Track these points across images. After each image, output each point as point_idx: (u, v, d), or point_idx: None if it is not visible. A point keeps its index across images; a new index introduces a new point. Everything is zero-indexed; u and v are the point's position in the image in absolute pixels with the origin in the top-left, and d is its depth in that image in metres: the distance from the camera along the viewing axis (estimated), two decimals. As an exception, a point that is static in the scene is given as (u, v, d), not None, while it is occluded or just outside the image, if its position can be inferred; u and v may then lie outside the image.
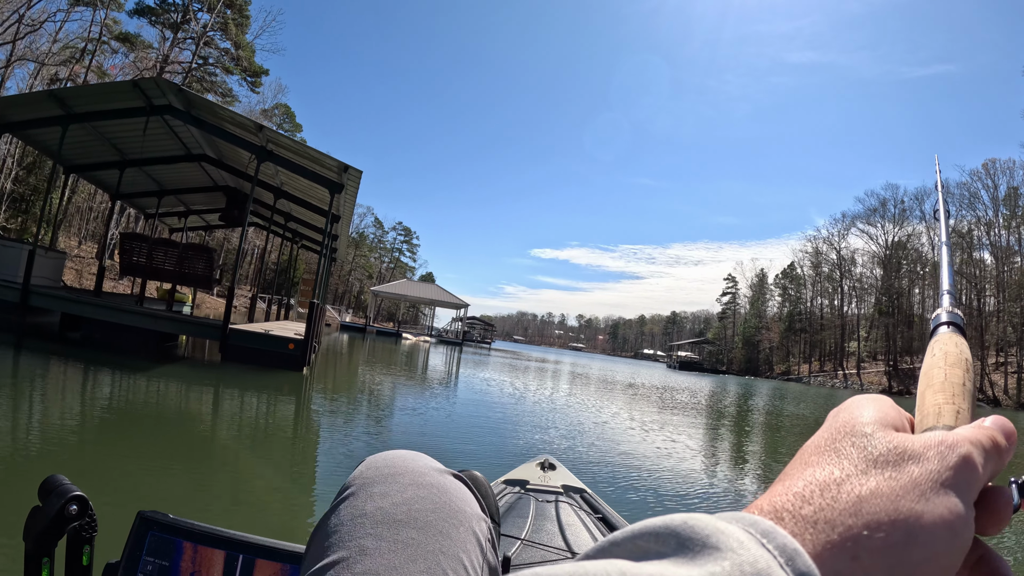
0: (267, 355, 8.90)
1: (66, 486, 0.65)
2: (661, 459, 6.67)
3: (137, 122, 10.84)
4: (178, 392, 6.81)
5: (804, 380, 64.29)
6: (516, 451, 5.99)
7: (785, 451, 8.92)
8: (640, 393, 18.84)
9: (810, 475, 0.25)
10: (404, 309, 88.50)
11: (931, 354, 0.36)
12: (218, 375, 8.46)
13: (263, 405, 6.94)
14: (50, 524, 0.63)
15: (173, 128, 12.03)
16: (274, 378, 8.48)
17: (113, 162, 13.60)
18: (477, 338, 68.04)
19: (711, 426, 11.96)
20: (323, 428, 6.29)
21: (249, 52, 45.83)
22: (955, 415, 0.30)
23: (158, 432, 4.86)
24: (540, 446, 6.38)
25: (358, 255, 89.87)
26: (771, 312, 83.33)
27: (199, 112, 10.16)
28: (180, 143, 12.86)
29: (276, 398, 7.46)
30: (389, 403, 8.89)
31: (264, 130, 9.15)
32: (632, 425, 9.73)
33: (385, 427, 6.71)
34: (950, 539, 0.23)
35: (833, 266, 72.25)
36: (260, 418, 6.24)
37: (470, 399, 11.02)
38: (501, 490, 2.08)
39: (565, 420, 9.13)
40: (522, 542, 1.52)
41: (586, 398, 14.40)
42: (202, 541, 0.69)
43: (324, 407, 7.64)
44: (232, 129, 9.91)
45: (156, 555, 0.68)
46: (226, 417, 6.04)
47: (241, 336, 9.00)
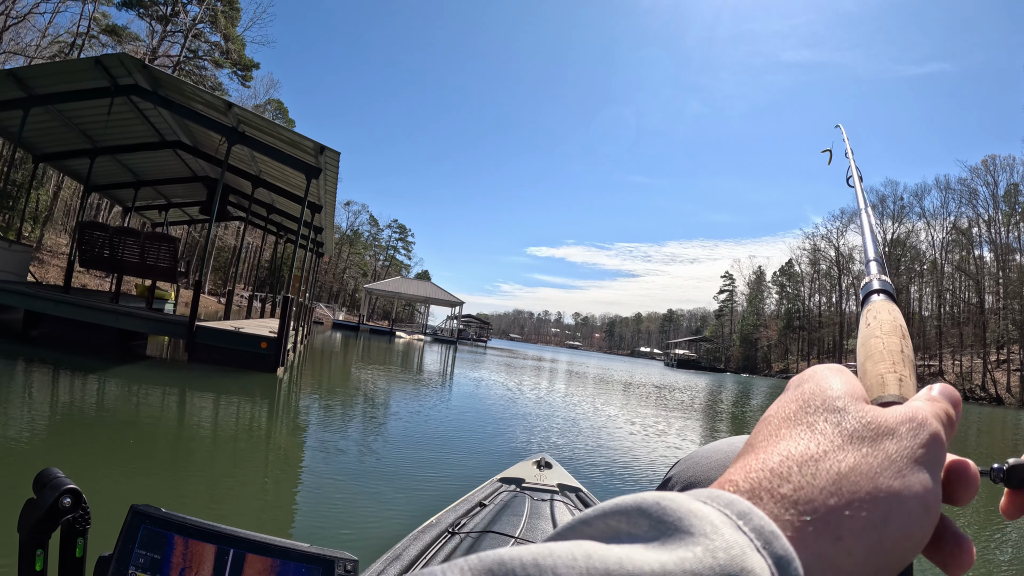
0: (238, 355, 8.17)
1: (60, 479, 0.65)
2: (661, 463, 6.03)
3: (104, 104, 10.09)
4: (125, 398, 6.08)
5: (803, 378, 63.22)
6: (511, 451, 5.87)
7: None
8: (639, 392, 18.20)
9: (785, 449, 0.24)
10: (400, 307, 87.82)
11: (865, 324, 0.36)
12: (180, 377, 7.71)
13: (229, 413, 6.22)
14: (44, 516, 0.63)
15: (143, 112, 11.27)
16: (245, 380, 7.77)
17: (84, 150, 12.83)
18: (473, 336, 67.28)
19: (716, 428, 11.32)
20: (296, 441, 5.58)
21: (239, 45, 44.96)
22: (898, 383, 0.31)
23: (87, 445, 4.14)
24: (536, 446, 6.29)
25: (352, 252, 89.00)
26: (769, 310, 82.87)
27: (166, 91, 9.42)
28: (152, 129, 12.09)
29: (243, 404, 6.74)
30: (374, 408, 8.19)
31: (234, 109, 8.41)
32: (633, 430, 9.07)
33: (367, 440, 6.00)
34: (923, 515, 0.24)
35: (832, 263, 71.76)
36: (224, 429, 5.52)
37: (460, 404, 10.35)
38: (497, 488, 2.08)
39: (562, 421, 8.48)
40: (515, 540, 1.50)
41: (583, 400, 13.74)
42: (193, 535, 0.68)
43: (299, 414, 6.93)
44: (201, 109, 9.17)
45: (148, 548, 0.68)
46: (179, 428, 5.31)
47: (210, 334, 8.27)
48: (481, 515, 1.77)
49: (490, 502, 1.93)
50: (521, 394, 12.59)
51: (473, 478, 3.29)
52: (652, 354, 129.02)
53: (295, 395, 8.08)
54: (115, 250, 8.81)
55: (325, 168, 8.71)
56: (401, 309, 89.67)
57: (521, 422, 8.00)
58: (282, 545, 0.69)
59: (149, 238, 9.01)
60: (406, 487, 4.27)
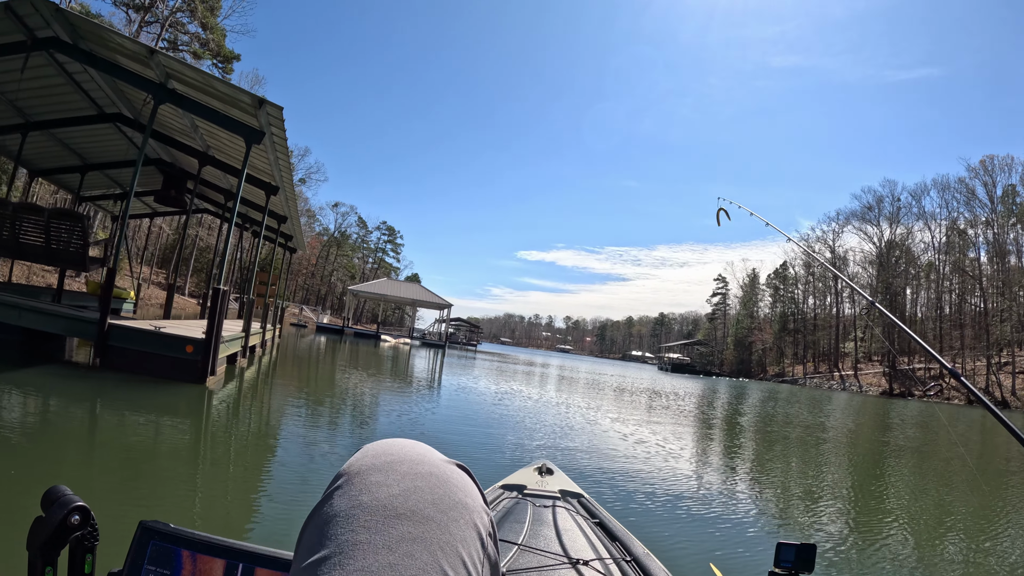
0: (157, 360, 6.57)
1: (68, 496, 0.65)
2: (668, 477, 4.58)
3: (31, 67, 8.50)
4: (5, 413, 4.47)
5: (799, 382, 62.36)
6: (511, 458, 5.71)
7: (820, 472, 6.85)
8: (632, 401, 16.74)
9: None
10: (390, 310, 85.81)
11: None
12: (80, 389, 6.06)
13: (127, 440, 4.63)
14: (53, 534, 0.63)
15: (74, 77, 9.65)
16: (163, 394, 6.17)
17: (14, 125, 11.16)
18: (462, 340, 65.59)
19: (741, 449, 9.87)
20: (208, 487, 4.01)
21: (219, 35, 43.22)
22: None
23: None
24: (530, 453, 6.03)
25: (340, 254, 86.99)
26: (763, 313, 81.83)
27: (88, 44, 7.81)
28: (88, 99, 10.44)
29: (153, 427, 5.15)
30: (330, 433, 6.62)
31: (158, 57, 6.79)
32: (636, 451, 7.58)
33: (306, 482, 4.46)
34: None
35: (827, 264, 70.76)
36: (117, 465, 3.95)
37: (448, 414, 8.82)
38: (499, 495, 2.08)
39: (563, 429, 6.98)
40: (519, 547, 1.52)
41: (579, 411, 12.25)
42: (202, 550, 0.68)
43: (221, 443, 5.34)
44: (126, 64, 7.56)
45: (157, 564, 0.68)
46: (37, 463, 3.73)
47: (124, 335, 6.66)
48: None
49: (492, 509, 1.53)
50: (513, 404, 11.11)
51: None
52: (644, 358, 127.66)
53: (232, 411, 6.48)
54: (15, 231, 7.18)
55: (269, 130, 7.11)
56: (391, 313, 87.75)
57: (513, 431, 7.49)
58: (290, 559, 0.65)
59: (54, 215, 7.33)
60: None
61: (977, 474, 8.80)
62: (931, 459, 10.72)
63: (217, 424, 5.63)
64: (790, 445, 10.55)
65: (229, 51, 44.14)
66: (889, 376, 52.17)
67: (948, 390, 45.73)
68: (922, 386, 48.22)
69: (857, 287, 2.84)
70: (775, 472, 7.53)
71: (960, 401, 43.20)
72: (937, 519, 5.64)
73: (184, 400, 6.12)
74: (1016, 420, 6.64)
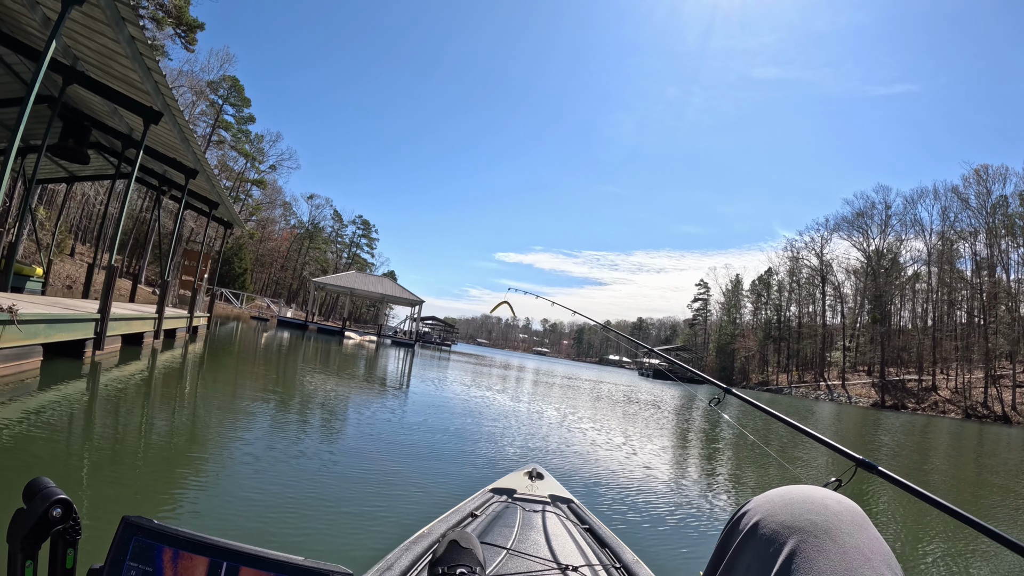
0: None
1: (51, 489, 0.64)
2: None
3: None
4: None
5: (784, 391, 60.80)
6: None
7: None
8: (630, 411, 14.33)
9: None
10: (364, 307, 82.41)
11: None
12: None
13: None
14: (34, 527, 0.62)
15: None
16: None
17: None
18: (436, 340, 62.66)
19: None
20: None
21: (182, 1, 39.70)
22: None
23: None
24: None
25: (312, 247, 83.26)
26: (746, 319, 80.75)
27: None
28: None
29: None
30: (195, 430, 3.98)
31: None
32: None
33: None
34: None
35: (814, 271, 69.62)
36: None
37: (416, 426, 6.22)
38: (488, 498, 2.05)
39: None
40: (508, 552, 1.49)
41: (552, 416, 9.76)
42: (186, 547, 0.66)
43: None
44: None
45: (139, 560, 0.66)
46: None
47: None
48: (472, 526, 1.74)
49: (481, 512, 1.88)
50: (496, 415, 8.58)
51: (467, 487, 3.34)
52: (621, 362, 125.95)
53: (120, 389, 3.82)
54: None
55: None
56: (365, 310, 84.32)
57: (488, 439, 6.84)
58: (276, 558, 0.65)
59: None
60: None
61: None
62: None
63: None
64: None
65: (192, 19, 40.80)
66: (879, 387, 50.97)
67: (943, 404, 44.63)
68: (913, 399, 47.09)
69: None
70: (774, 482, 5.21)
71: (957, 415, 42.04)
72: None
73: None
74: (1016, 436, 2.81)
